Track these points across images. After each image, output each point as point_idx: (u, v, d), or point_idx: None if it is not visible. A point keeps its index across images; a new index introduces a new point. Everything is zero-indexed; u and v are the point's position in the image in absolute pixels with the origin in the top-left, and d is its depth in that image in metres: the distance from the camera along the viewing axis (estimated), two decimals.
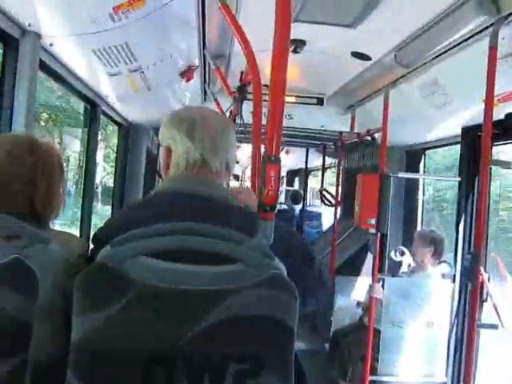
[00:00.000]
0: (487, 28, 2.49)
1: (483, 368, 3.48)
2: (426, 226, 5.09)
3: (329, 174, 9.17)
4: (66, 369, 1.16)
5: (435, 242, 3.98)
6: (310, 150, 7.71)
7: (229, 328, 1.17)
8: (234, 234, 1.25)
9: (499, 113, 3.00)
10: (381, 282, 3.69)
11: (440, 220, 6.41)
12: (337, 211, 5.60)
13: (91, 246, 1.37)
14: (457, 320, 3.71)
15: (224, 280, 1.19)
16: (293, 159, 9.67)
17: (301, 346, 1.36)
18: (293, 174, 12.33)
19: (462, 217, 3.84)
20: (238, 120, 3.70)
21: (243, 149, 7.22)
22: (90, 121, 4.00)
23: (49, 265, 1.27)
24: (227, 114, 4.19)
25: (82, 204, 4.12)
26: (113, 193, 5.23)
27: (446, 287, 3.70)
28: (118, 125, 4.94)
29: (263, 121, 1.99)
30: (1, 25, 2.22)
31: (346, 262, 5.57)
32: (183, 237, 1.22)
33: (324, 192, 6.13)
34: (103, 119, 4.18)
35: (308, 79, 4.47)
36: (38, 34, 2.42)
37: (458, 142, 3.98)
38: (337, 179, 5.66)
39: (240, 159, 8.61)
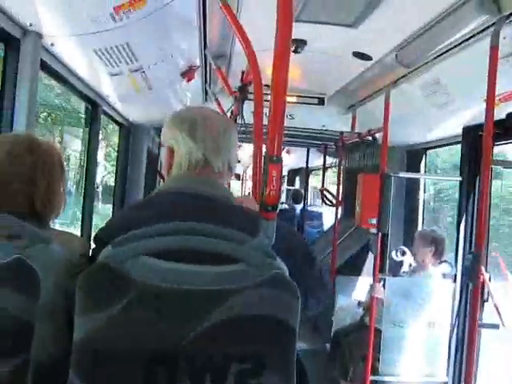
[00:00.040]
0: (488, 28, 2.49)
1: (484, 368, 3.47)
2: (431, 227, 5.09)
3: (330, 174, 9.17)
4: (68, 368, 1.17)
5: (436, 242, 3.98)
6: (311, 150, 7.70)
7: (231, 328, 1.18)
8: (236, 234, 1.24)
9: (500, 112, 3.00)
10: (382, 282, 3.69)
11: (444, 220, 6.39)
12: (338, 211, 5.60)
13: (92, 246, 1.38)
14: (458, 320, 3.71)
15: (226, 280, 1.19)
16: (294, 159, 9.68)
17: (302, 346, 1.36)
18: (294, 174, 12.33)
19: (463, 216, 3.84)
20: (239, 120, 3.71)
21: (244, 148, 7.22)
22: (91, 121, 4.00)
23: (50, 265, 1.27)
24: (228, 114, 4.19)
25: (83, 203, 4.12)
26: (114, 192, 5.23)
27: (447, 287, 3.70)
28: (119, 125, 4.94)
29: (264, 121, 1.99)
30: (2, 25, 2.21)
31: (347, 262, 5.56)
32: (185, 237, 1.22)
33: (325, 192, 6.13)
34: (103, 118, 4.18)
35: (309, 79, 4.47)
36: (39, 34, 2.42)
37: (459, 142, 3.98)
38: (338, 179, 5.66)
39: (241, 158, 8.61)
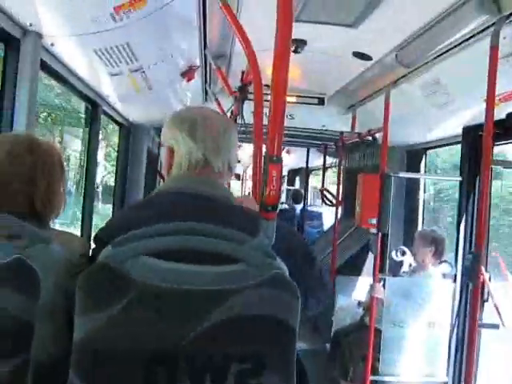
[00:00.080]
0: (488, 28, 2.49)
1: (484, 368, 3.47)
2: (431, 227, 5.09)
3: (330, 174, 9.17)
4: (68, 369, 1.17)
5: (436, 242, 3.98)
6: (311, 150, 7.70)
7: (231, 328, 1.18)
8: (236, 234, 1.24)
9: (500, 112, 3.00)
10: (382, 282, 3.69)
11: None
12: (338, 211, 5.60)
13: (92, 246, 1.38)
14: (458, 320, 3.71)
15: (226, 280, 1.19)
16: (294, 159, 9.68)
17: (302, 346, 1.36)
18: (294, 174, 12.33)
19: (463, 216, 3.84)
20: (239, 120, 3.70)
21: (244, 148, 7.22)
22: (91, 121, 4.00)
23: (50, 265, 1.27)
24: (228, 114, 4.19)
25: (83, 203, 4.11)
26: (114, 193, 5.23)
27: (447, 287, 3.70)
28: (119, 125, 4.94)
29: (264, 121, 1.99)
30: (2, 25, 2.21)
31: (347, 262, 5.56)
32: (185, 237, 1.22)
33: (325, 192, 6.13)
34: (103, 118, 4.18)
35: (309, 79, 4.47)
36: (39, 34, 2.41)
37: (459, 142, 3.98)
38: (338, 179, 5.66)
39: (241, 158, 8.61)
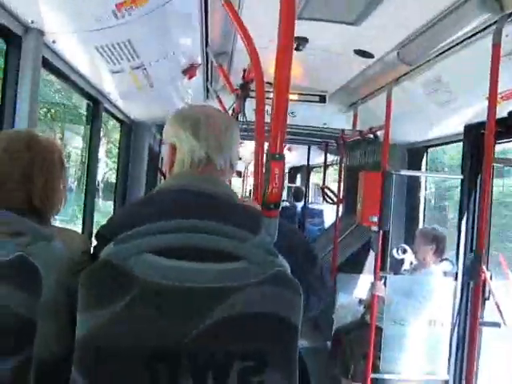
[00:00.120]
0: (490, 26, 2.49)
1: (485, 366, 3.47)
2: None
3: (331, 171, 9.16)
4: (71, 366, 1.17)
5: (437, 240, 3.97)
6: (312, 147, 7.71)
7: (232, 326, 1.18)
8: (238, 232, 1.25)
9: (502, 110, 3.00)
10: (383, 280, 3.69)
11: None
12: (339, 209, 5.60)
13: (94, 243, 1.38)
14: (459, 318, 3.71)
15: (227, 277, 1.19)
16: (295, 156, 9.68)
17: (303, 344, 1.36)
18: (295, 171, 12.32)
19: (465, 214, 3.84)
20: (241, 118, 3.70)
21: (246, 145, 7.22)
22: (93, 118, 3.99)
23: (52, 262, 1.28)
24: (230, 112, 4.19)
25: (85, 201, 4.11)
26: (115, 190, 5.23)
27: (448, 285, 3.70)
28: (121, 122, 4.93)
29: (266, 118, 1.99)
30: (4, 22, 2.21)
31: (348, 260, 5.57)
32: (187, 234, 1.22)
33: (326, 189, 6.13)
34: (104, 115, 4.18)
35: (310, 77, 4.46)
36: (41, 31, 2.41)
37: (461, 140, 3.97)
38: (339, 177, 5.66)
39: (243, 155, 8.61)
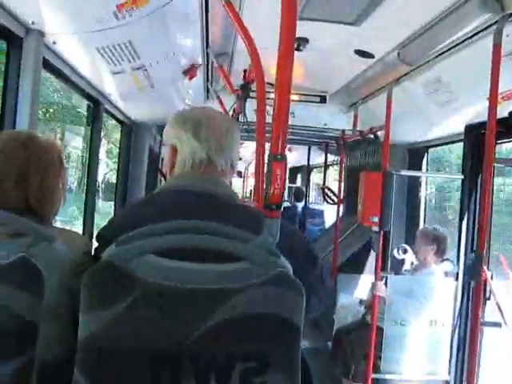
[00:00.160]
0: (491, 26, 2.49)
1: (486, 366, 3.47)
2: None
3: (331, 172, 9.16)
4: (73, 367, 1.17)
5: (438, 240, 3.96)
6: (313, 147, 7.71)
7: (234, 327, 1.18)
8: (240, 233, 1.25)
9: (503, 110, 3.00)
10: (384, 280, 3.69)
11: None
12: (339, 209, 5.60)
13: (95, 244, 1.38)
14: (460, 318, 3.71)
15: (229, 278, 1.19)
16: (295, 156, 9.67)
17: (304, 345, 1.36)
18: (295, 171, 12.32)
19: (465, 215, 3.84)
20: (242, 118, 3.70)
21: (247, 146, 7.23)
22: (93, 119, 3.99)
23: (54, 263, 1.27)
24: (230, 113, 4.19)
25: (85, 201, 4.11)
26: (116, 190, 5.23)
27: (449, 285, 3.69)
28: (121, 123, 4.93)
29: (267, 119, 1.99)
30: (5, 23, 2.21)
31: (349, 260, 5.56)
32: (189, 235, 1.22)
33: (326, 190, 6.13)
34: (103, 115, 4.17)
35: (311, 77, 4.46)
36: (42, 32, 2.40)
37: (461, 140, 3.97)
38: (339, 177, 5.66)
39: (243, 156, 8.62)
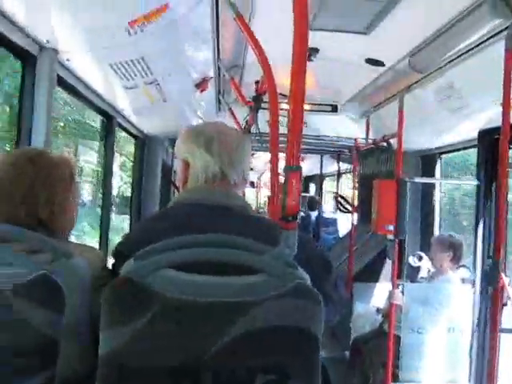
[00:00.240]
0: (502, 31, 2.48)
1: (503, 372, 3.42)
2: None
3: (344, 180, 9.14)
4: (94, 383, 1.17)
5: (454, 247, 3.94)
6: (325, 156, 7.71)
7: (252, 340, 1.17)
8: (256, 245, 1.25)
9: None
10: (400, 288, 3.67)
11: None
12: (353, 217, 5.58)
13: (112, 260, 1.39)
14: (478, 324, 3.68)
15: (247, 292, 1.18)
16: (308, 165, 9.67)
17: (321, 354, 1.35)
18: (308, 180, 12.31)
19: (481, 220, 3.81)
20: (255, 129, 3.72)
21: (259, 156, 7.24)
22: (106, 133, 4.03)
23: (74, 280, 1.28)
24: (243, 124, 4.21)
25: (101, 216, 4.14)
26: (130, 204, 5.26)
27: (466, 292, 3.67)
28: (134, 137, 4.97)
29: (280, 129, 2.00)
30: (19, 42, 2.25)
31: (364, 269, 5.53)
32: (205, 249, 1.22)
33: (339, 198, 6.11)
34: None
35: (322, 87, 4.47)
36: (56, 50, 2.44)
37: (475, 146, 3.95)
38: (353, 185, 5.65)
39: (255, 166, 8.62)
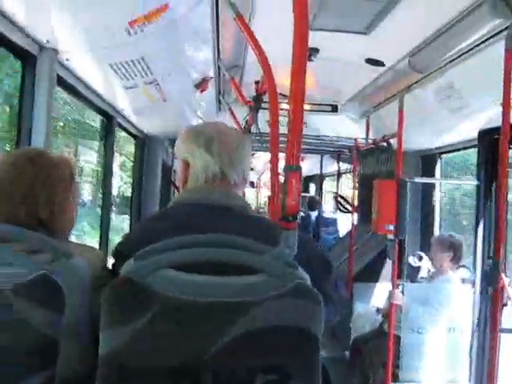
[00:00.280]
0: (502, 31, 2.48)
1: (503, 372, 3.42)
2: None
3: (343, 180, 9.13)
4: (94, 383, 1.17)
5: (454, 247, 3.94)
6: (325, 156, 7.71)
7: (252, 340, 1.17)
8: (256, 245, 1.25)
9: None
10: (400, 288, 3.67)
11: None
12: (354, 217, 5.58)
13: (112, 260, 1.39)
14: (478, 325, 3.68)
15: (247, 292, 1.18)
16: (308, 165, 9.67)
17: (321, 354, 1.35)
18: (308, 180, 12.30)
19: (481, 220, 3.81)
20: (255, 129, 3.72)
21: (259, 156, 7.24)
22: (106, 133, 4.03)
23: (74, 280, 1.28)
24: (243, 124, 4.21)
25: (101, 216, 4.14)
26: (130, 204, 5.26)
27: (466, 292, 3.67)
28: (134, 137, 4.97)
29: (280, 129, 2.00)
30: (19, 42, 2.25)
31: (364, 269, 5.52)
32: (205, 249, 1.22)
33: (339, 198, 6.11)
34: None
35: (322, 87, 4.47)
36: (55, 50, 2.44)
37: (475, 146, 3.95)
38: (353, 185, 5.65)
39: (255, 166, 8.62)
